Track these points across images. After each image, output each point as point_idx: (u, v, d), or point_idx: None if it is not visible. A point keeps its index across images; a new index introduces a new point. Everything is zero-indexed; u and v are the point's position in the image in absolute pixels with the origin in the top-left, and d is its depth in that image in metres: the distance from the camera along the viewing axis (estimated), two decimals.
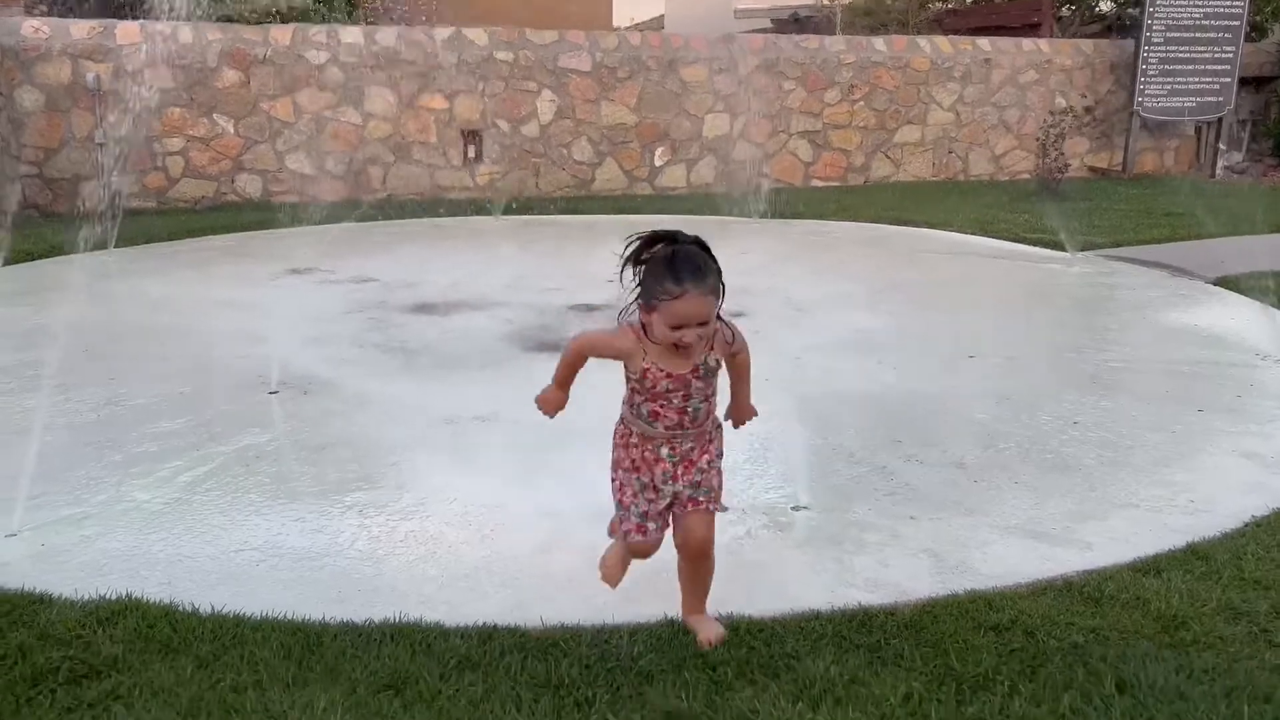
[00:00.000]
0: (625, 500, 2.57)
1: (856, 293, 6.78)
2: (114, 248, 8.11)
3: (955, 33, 13.77)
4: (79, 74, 9.76)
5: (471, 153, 10.97)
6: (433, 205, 10.34)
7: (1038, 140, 11.81)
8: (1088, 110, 12.54)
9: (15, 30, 9.65)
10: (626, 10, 20.87)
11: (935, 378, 4.98)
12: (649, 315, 2.39)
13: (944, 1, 17.19)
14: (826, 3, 17.59)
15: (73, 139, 9.87)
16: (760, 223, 9.61)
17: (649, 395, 2.46)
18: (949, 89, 12.29)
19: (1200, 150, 13.34)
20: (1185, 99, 12.67)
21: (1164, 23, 12.38)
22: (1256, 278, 6.67)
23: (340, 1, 12.73)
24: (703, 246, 2.39)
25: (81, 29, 9.84)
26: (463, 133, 10.90)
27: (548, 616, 2.71)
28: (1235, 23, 12.54)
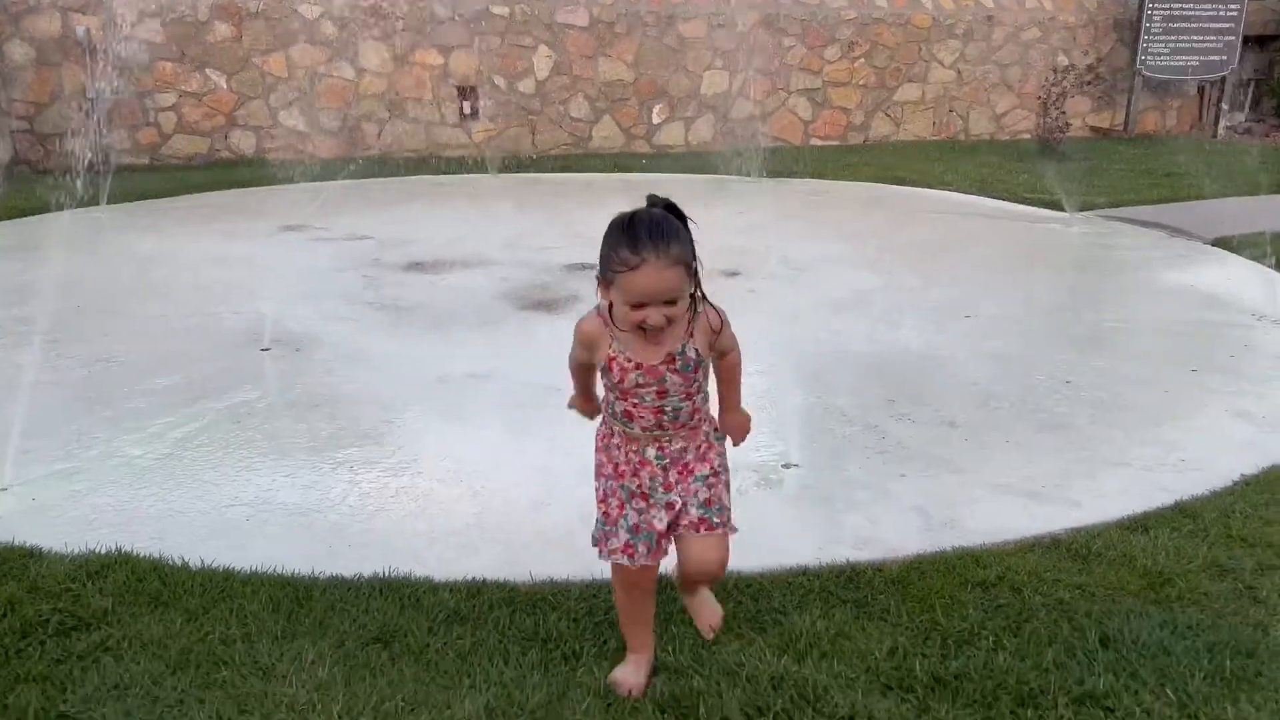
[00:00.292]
0: (611, 512, 2.17)
1: (854, 252, 6.74)
2: (106, 204, 8.05)
3: None
4: (69, 27, 9.63)
5: (467, 109, 10.86)
6: (428, 163, 10.26)
7: (1039, 99, 11.69)
8: (1090, 69, 12.40)
9: None
10: None
11: (930, 337, 4.97)
12: (606, 294, 2.03)
13: None
14: None
15: (64, 94, 9.76)
16: (758, 182, 9.54)
17: (619, 390, 2.11)
18: (950, 46, 12.14)
19: (1203, 110, 13.22)
20: (1188, 58, 12.53)
21: None
22: (1255, 239, 6.64)
23: None
24: (674, 211, 2.05)
25: None
26: (458, 89, 10.78)
27: (537, 572, 2.72)
28: None
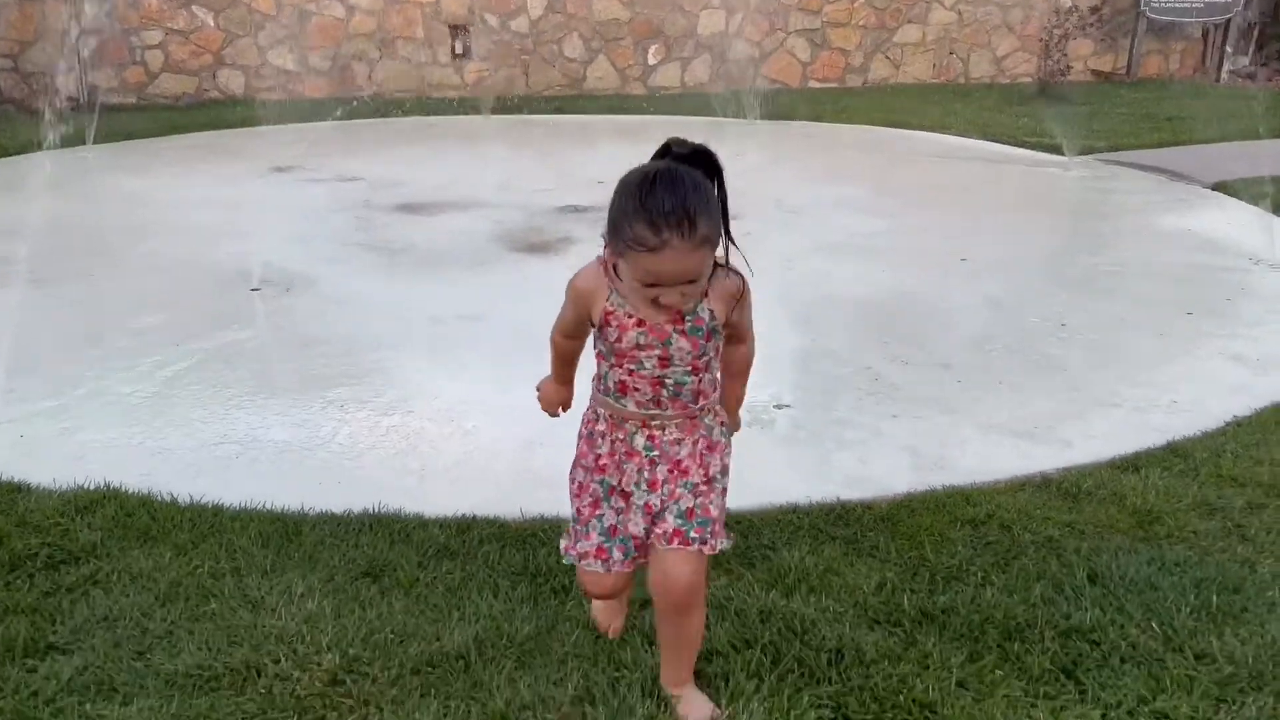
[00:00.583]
0: (583, 510, 1.91)
1: (851, 196, 6.67)
2: (93, 144, 7.93)
3: None
4: None
5: (459, 49, 10.67)
6: (419, 103, 10.10)
7: (1041, 41, 11.50)
8: (1093, 10, 12.18)
9: None
10: None
11: (926, 280, 4.94)
12: (615, 259, 1.75)
13: None
14: None
15: (48, 31, 9.56)
16: (755, 124, 9.41)
17: (615, 353, 1.81)
18: None
19: (1206, 53, 13.02)
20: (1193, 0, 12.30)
21: None
22: (1255, 183, 6.57)
23: None
24: (705, 160, 1.71)
25: None
26: (450, 28, 10.58)
27: (527, 509, 2.71)
28: None
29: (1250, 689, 2.04)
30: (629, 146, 1.94)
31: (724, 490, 1.90)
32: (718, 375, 1.89)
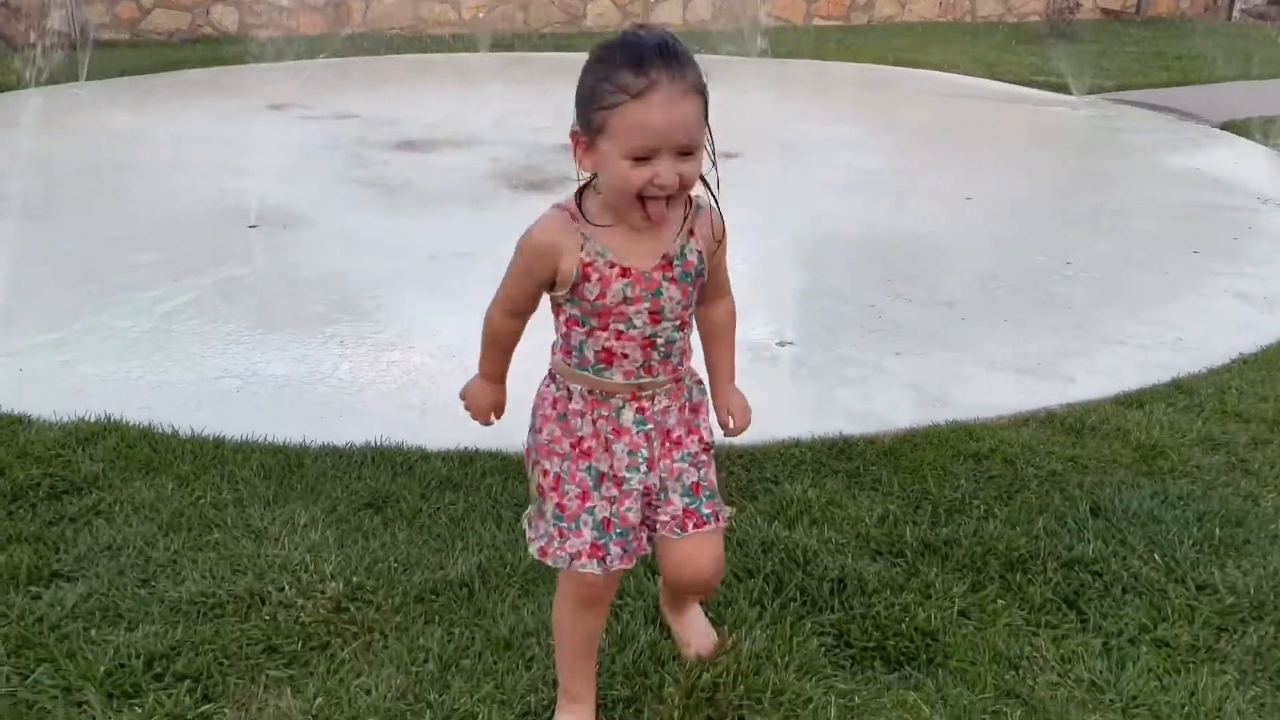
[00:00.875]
0: (568, 504, 1.62)
1: (855, 135, 6.58)
2: (86, 80, 7.80)
3: None
4: None
5: None
6: (416, 41, 9.92)
7: None
8: None
9: None
10: None
11: (930, 219, 4.88)
12: (592, 154, 1.48)
13: None
14: None
15: None
16: (758, 62, 9.25)
17: (597, 315, 1.55)
18: None
19: None
20: None
21: None
22: (1264, 122, 6.49)
23: None
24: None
25: None
26: None
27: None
28: None
29: (1251, 618, 2.05)
30: None
31: (713, 456, 1.72)
32: (692, 324, 1.67)
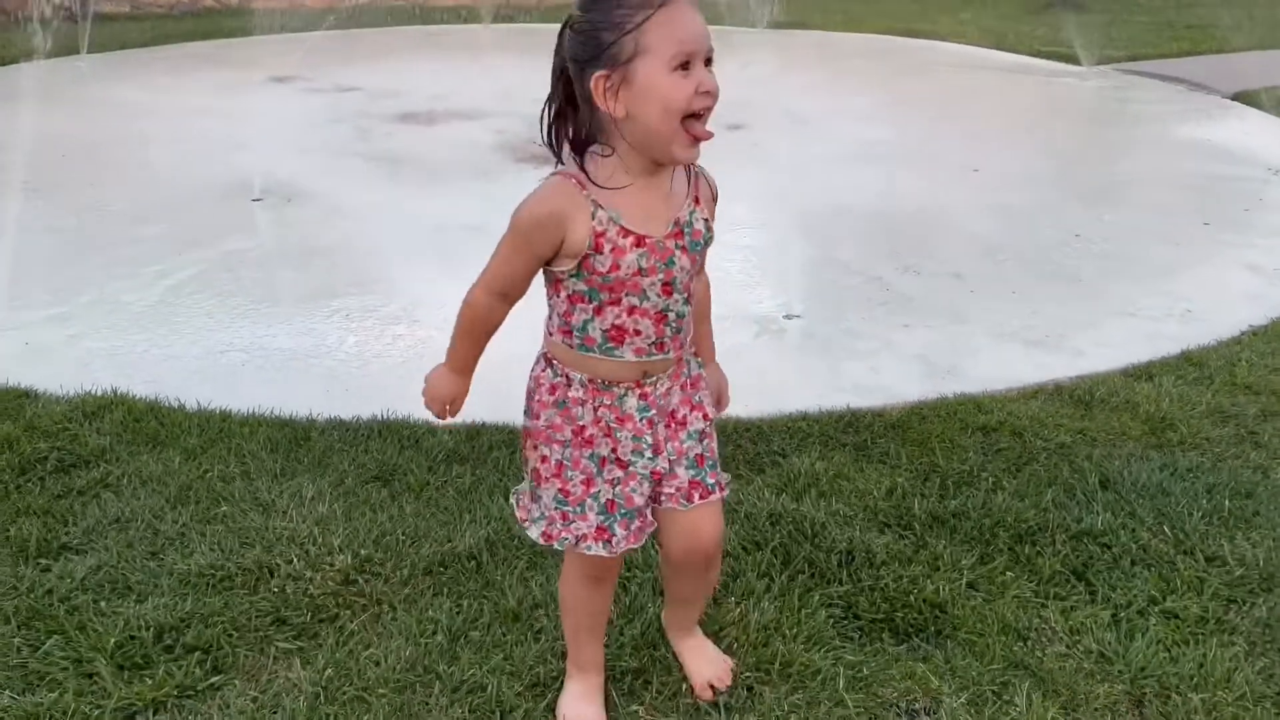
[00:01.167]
0: (572, 489, 1.59)
1: (861, 106, 6.52)
2: (87, 53, 7.75)
3: None
4: None
5: None
6: (419, 12, 9.83)
7: None
8: None
9: None
10: None
11: (938, 191, 4.85)
12: (628, 88, 1.40)
13: None
14: None
15: None
16: (763, 33, 9.17)
17: (608, 289, 1.49)
18: None
19: None
20: None
21: None
22: (1276, 93, 6.42)
23: None
24: None
25: None
26: None
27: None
28: None
29: (1261, 590, 2.04)
30: None
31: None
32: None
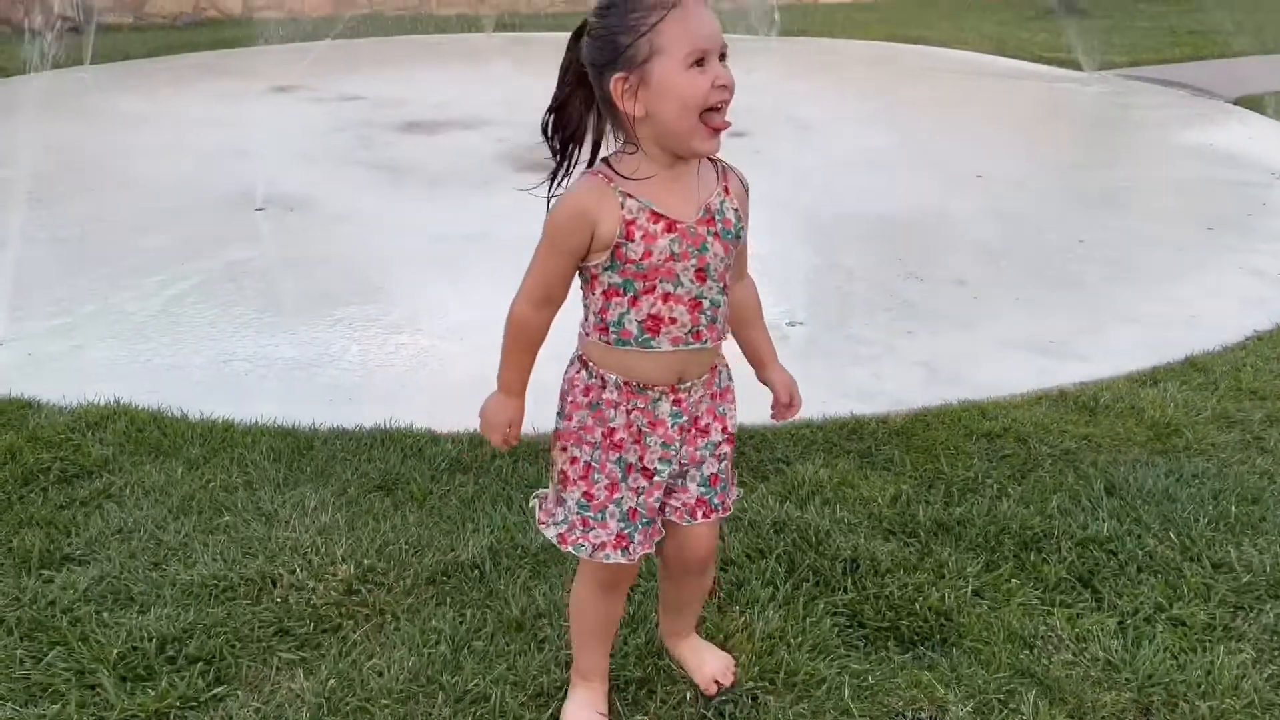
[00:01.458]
0: (596, 493, 1.59)
1: (864, 112, 6.53)
2: (90, 64, 7.78)
3: None
4: None
5: None
6: (421, 21, 9.87)
7: None
8: None
9: None
10: None
11: (941, 197, 4.84)
12: (645, 89, 1.44)
13: None
14: None
15: None
16: (766, 40, 9.18)
17: (643, 276, 1.50)
18: None
19: None
20: None
21: None
22: (1278, 97, 6.42)
23: None
24: None
25: None
26: None
27: (539, 423, 2.68)
28: None
29: (1268, 596, 2.03)
30: None
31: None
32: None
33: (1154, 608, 1.99)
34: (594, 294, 1.56)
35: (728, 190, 1.56)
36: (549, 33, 9.59)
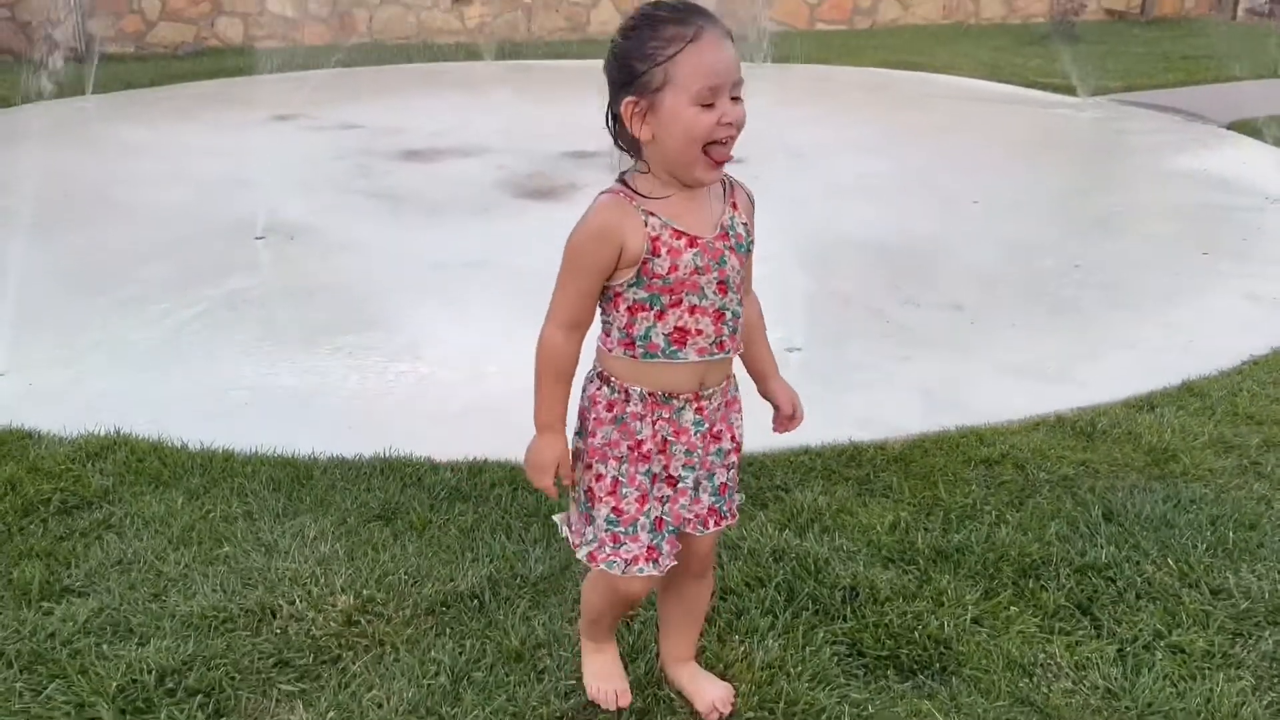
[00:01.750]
0: (626, 507, 1.62)
1: (859, 139, 6.58)
2: (92, 94, 7.84)
3: None
4: None
5: None
6: (420, 50, 9.94)
7: None
8: None
9: None
10: None
11: (937, 223, 4.87)
12: (655, 115, 1.49)
13: None
14: None
15: None
16: (761, 67, 9.23)
17: (669, 291, 1.54)
18: None
19: None
20: None
21: None
22: (1272, 122, 6.46)
23: None
24: None
25: None
26: None
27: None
28: None
29: (1267, 623, 2.03)
30: None
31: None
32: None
33: (1153, 635, 2.00)
34: (618, 310, 1.60)
35: (735, 205, 1.63)
36: (548, 60, 9.69)
